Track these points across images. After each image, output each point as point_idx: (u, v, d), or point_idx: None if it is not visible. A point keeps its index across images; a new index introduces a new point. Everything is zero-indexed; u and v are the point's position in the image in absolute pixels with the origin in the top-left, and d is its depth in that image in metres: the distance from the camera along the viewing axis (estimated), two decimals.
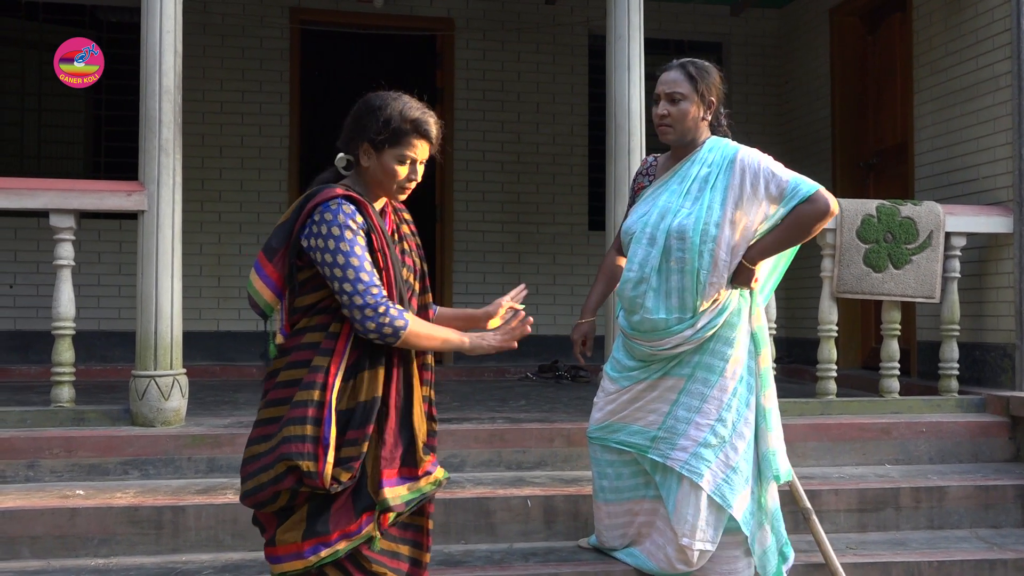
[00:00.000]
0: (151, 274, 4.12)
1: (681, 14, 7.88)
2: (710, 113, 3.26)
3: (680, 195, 3.21)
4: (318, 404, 2.29)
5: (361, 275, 2.28)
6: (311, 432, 2.27)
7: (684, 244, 3.12)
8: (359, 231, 2.32)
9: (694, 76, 3.21)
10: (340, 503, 2.33)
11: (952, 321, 4.93)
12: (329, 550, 2.30)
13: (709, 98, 3.24)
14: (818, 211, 3.15)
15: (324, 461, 2.26)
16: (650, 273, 3.18)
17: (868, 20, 6.79)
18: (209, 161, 7.21)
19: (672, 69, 3.26)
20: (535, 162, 7.64)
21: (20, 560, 3.41)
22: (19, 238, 6.89)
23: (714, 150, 3.24)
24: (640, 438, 3.26)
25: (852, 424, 4.53)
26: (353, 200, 2.34)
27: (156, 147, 4.14)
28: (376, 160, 2.41)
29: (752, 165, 3.17)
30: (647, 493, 3.31)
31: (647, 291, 3.19)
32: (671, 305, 3.15)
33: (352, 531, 2.31)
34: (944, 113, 5.67)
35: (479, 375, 7.16)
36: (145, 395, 4.09)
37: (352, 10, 7.45)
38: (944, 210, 4.86)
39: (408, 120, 2.40)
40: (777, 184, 3.16)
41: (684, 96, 3.20)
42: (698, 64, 3.26)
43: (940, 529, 4.07)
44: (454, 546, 3.65)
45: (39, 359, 6.38)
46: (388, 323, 2.29)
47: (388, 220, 2.50)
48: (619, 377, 3.33)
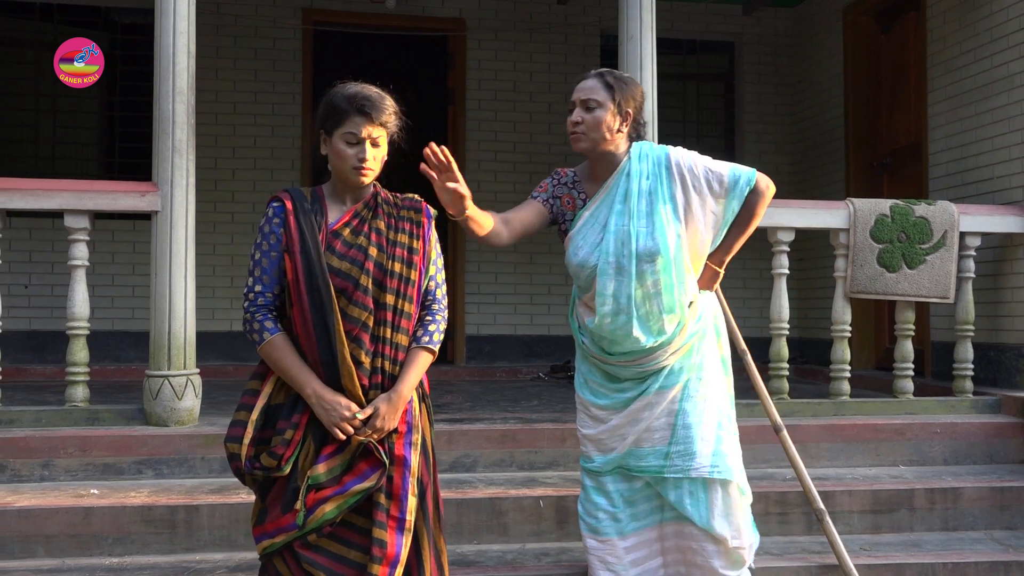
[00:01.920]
0: (165, 274, 4.14)
1: (693, 14, 7.86)
2: (626, 125, 3.11)
3: (630, 215, 3.05)
4: (254, 392, 2.49)
5: (249, 279, 2.51)
6: (243, 417, 2.45)
7: (655, 266, 3.00)
8: (272, 232, 2.51)
9: (611, 85, 3.08)
10: (274, 494, 2.42)
11: (967, 321, 4.90)
12: (269, 541, 2.40)
13: (626, 109, 3.09)
14: (764, 194, 3.16)
15: (242, 443, 2.40)
16: (627, 303, 3.01)
17: (882, 19, 6.76)
18: (222, 162, 7.24)
19: (590, 77, 3.14)
20: (547, 162, 7.63)
21: (35, 559, 3.43)
22: (34, 238, 6.92)
23: (643, 158, 3.11)
24: (653, 459, 3.07)
25: (866, 425, 4.51)
26: (280, 200, 2.53)
27: (170, 148, 4.16)
28: (331, 147, 2.53)
29: (690, 166, 3.11)
30: (664, 516, 3.12)
31: (629, 321, 3.01)
32: (658, 328, 3.02)
33: (286, 524, 2.37)
34: (958, 112, 5.64)
35: (491, 375, 7.16)
36: (159, 395, 4.11)
37: (364, 11, 7.47)
38: (958, 210, 4.83)
39: (345, 98, 2.50)
40: (719, 180, 3.11)
41: (599, 104, 3.06)
42: (617, 74, 3.15)
43: (954, 531, 4.05)
44: (466, 546, 3.65)
45: (54, 359, 6.41)
46: (253, 329, 2.47)
47: (348, 213, 2.54)
48: (604, 398, 3.14)
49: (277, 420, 2.44)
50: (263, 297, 2.48)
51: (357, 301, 2.44)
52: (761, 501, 3.72)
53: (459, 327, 7.55)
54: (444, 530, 2.62)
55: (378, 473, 2.41)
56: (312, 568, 2.37)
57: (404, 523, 2.42)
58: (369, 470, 2.41)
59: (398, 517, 2.41)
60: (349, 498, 2.38)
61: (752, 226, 3.20)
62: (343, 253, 2.47)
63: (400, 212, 2.59)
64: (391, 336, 2.48)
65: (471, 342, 7.57)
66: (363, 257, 2.47)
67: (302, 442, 2.41)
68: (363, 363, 2.44)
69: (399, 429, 2.48)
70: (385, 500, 2.41)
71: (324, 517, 2.36)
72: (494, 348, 7.59)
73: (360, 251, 2.48)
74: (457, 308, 7.58)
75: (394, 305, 2.49)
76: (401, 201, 2.63)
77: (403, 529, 2.41)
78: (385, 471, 2.42)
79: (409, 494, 2.44)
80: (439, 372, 7.18)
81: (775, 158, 7.84)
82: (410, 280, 2.52)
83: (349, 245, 2.48)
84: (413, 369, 2.50)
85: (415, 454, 2.49)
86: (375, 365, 2.46)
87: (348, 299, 2.44)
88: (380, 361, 2.47)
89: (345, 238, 2.49)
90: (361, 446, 2.41)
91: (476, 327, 7.59)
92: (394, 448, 2.46)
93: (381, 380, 2.47)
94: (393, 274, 2.49)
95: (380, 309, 2.47)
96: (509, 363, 7.42)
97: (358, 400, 2.43)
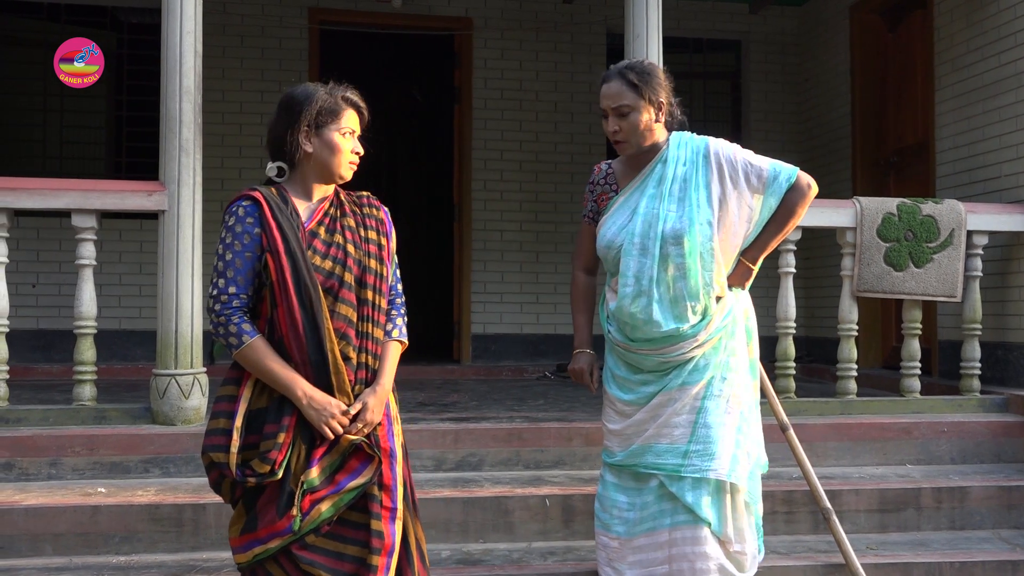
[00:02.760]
0: (171, 273, 4.15)
1: (699, 12, 7.85)
2: (662, 114, 3.09)
3: (662, 198, 3.04)
4: (231, 398, 2.43)
5: (219, 280, 2.43)
6: (223, 425, 2.41)
7: (682, 248, 2.97)
8: (245, 232, 2.43)
9: (636, 84, 3.02)
10: (265, 499, 2.39)
11: (974, 320, 4.89)
12: (262, 547, 2.37)
13: (658, 100, 3.06)
14: (806, 194, 3.13)
15: (230, 452, 2.36)
16: (649, 285, 2.99)
17: (889, 17, 6.74)
18: (228, 161, 7.24)
19: (612, 80, 3.05)
20: (553, 161, 7.63)
21: (43, 557, 3.45)
22: (41, 238, 6.94)
23: (683, 146, 3.11)
24: (671, 457, 2.99)
25: (873, 424, 4.50)
26: (253, 199, 2.46)
27: (176, 147, 4.17)
28: (320, 142, 2.53)
29: (728, 157, 3.08)
30: (676, 520, 3.02)
31: (650, 304, 2.99)
32: (678, 313, 2.99)
33: (282, 528, 2.36)
34: (966, 111, 5.62)
35: (497, 374, 7.16)
36: (166, 394, 4.12)
37: (370, 10, 7.47)
38: (966, 208, 4.82)
39: (338, 96, 2.57)
40: (757, 174, 3.09)
41: (631, 107, 3.01)
42: (637, 68, 3.06)
43: (962, 530, 4.04)
44: (472, 545, 3.66)
45: (61, 358, 6.43)
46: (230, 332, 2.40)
47: (318, 212, 2.54)
48: (629, 393, 3.10)
49: (263, 424, 2.41)
50: (238, 299, 2.43)
51: (344, 299, 2.47)
52: (768, 500, 3.70)
53: (465, 326, 7.55)
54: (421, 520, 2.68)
55: (370, 468, 2.45)
56: (312, 568, 2.38)
57: (396, 512, 2.48)
58: (360, 466, 2.45)
59: (391, 507, 2.47)
60: (344, 495, 2.41)
61: (790, 225, 3.15)
62: (325, 252, 2.48)
63: (363, 210, 2.63)
64: (372, 331, 2.52)
65: (477, 341, 7.56)
66: (343, 255, 2.50)
67: (292, 444, 2.40)
68: (351, 359, 2.48)
69: (381, 422, 2.53)
70: (378, 491, 2.46)
71: (321, 517, 2.38)
72: (500, 347, 7.58)
73: (339, 249, 2.50)
74: (463, 307, 7.59)
75: (372, 301, 2.53)
76: (359, 199, 2.66)
77: (395, 518, 2.47)
78: (379, 465, 2.46)
79: (398, 484, 2.50)
80: (445, 371, 7.18)
81: (782, 156, 7.64)
82: (383, 276, 2.57)
83: (328, 244, 2.50)
84: (390, 362, 2.58)
85: (399, 445, 2.56)
86: (360, 361, 2.50)
87: (335, 297, 2.46)
88: (364, 357, 2.51)
89: (322, 237, 2.51)
90: (352, 445, 2.43)
91: (482, 326, 7.58)
92: (379, 441, 2.51)
93: (365, 375, 2.51)
94: (370, 271, 2.53)
95: (362, 305, 2.51)
96: (515, 362, 7.42)
97: (348, 397, 2.46)
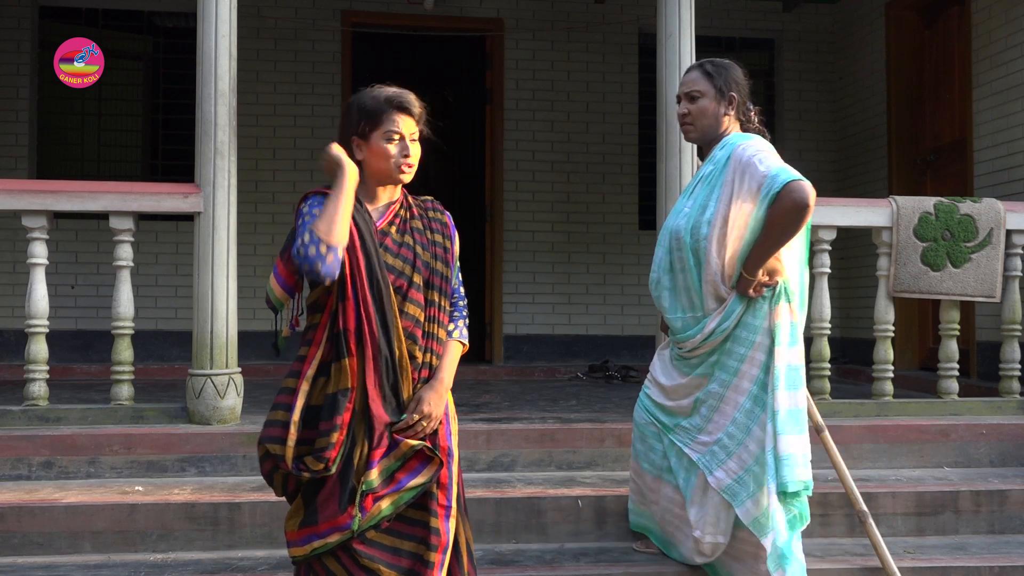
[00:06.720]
0: (207, 275, 4.19)
1: (733, 11, 7.80)
2: (732, 108, 3.24)
3: (688, 195, 3.27)
4: (291, 391, 2.45)
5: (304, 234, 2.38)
6: (281, 417, 2.43)
7: (680, 244, 3.16)
8: None
9: (711, 73, 3.23)
10: (326, 493, 2.41)
11: (1013, 321, 4.81)
12: (320, 541, 2.40)
13: (729, 93, 3.23)
14: (792, 207, 2.88)
15: (286, 445, 2.39)
16: (662, 274, 3.25)
17: (925, 14, 6.66)
18: (263, 163, 7.31)
19: (691, 70, 3.31)
20: (585, 161, 7.62)
21: (82, 554, 3.49)
22: (80, 240, 7.05)
23: (725, 145, 3.19)
24: (668, 418, 3.27)
25: (909, 426, 4.45)
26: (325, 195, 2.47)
27: (212, 150, 4.21)
28: (367, 148, 2.54)
29: (745, 158, 3.03)
30: (669, 479, 3.27)
31: (662, 291, 3.25)
32: (684, 304, 3.19)
33: (343, 523, 2.38)
34: (1004, 108, 5.54)
35: (529, 375, 7.16)
36: (201, 394, 4.16)
37: (402, 12, 7.51)
38: (1005, 207, 4.74)
39: (382, 99, 2.53)
40: (752, 176, 2.98)
41: (702, 93, 3.22)
42: (716, 62, 3.29)
43: (1001, 534, 3.98)
44: (505, 545, 3.66)
45: (100, 358, 6.52)
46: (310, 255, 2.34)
47: (388, 213, 2.56)
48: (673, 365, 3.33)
49: (318, 421, 2.43)
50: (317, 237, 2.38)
51: (412, 299, 2.50)
52: None
53: (497, 327, 7.56)
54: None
55: (430, 467, 2.48)
56: (371, 563, 2.41)
57: (451, 510, 2.52)
58: (420, 465, 2.48)
59: (446, 505, 2.51)
60: (404, 494, 2.45)
61: (776, 237, 2.96)
62: (396, 251, 2.52)
63: (429, 214, 2.65)
64: (437, 332, 2.56)
65: (509, 342, 7.57)
66: (413, 256, 2.53)
67: (347, 441, 2.42)
68: (416, 359, 2.51)
69: (441, 419, 2.55)
70: (436, 489, 2.50)
71: (381, 514, 2.42)
72: (532, 348, 7.59)
73: (409, 250, 2.53)
74: (495, 308, 7.60)
75: (438, 302, 2.56)
76: (423, 203, 2.68)
77: (450, 516, 2.51)
78: (439, 466, 2.49)
79: (454, 483, 2.53)
80: (477, 371, 7.19)
81: (816, 156, 7.76)
82: (448, 278, 2.61)
83: (399, 244, 2.53)
84: (450, 360, 2.59)
85: (455, 444, 2.59)
86: (424, 360, 2.53)
87: (403, 297, 2.50)
88: (429, 356, 2.54)
89: (394, 237, 2.54)
90: (412, 450, 2.45)
91: (514, 327, 7.59)
92: (439, 440, 2.54)
93: (428, 375, 2.54)
94: (437, 273, 2.56)
95: (429, 306, 2.54)
96: (547, 363, 7.42)
97: (408, 395, 2.48)
